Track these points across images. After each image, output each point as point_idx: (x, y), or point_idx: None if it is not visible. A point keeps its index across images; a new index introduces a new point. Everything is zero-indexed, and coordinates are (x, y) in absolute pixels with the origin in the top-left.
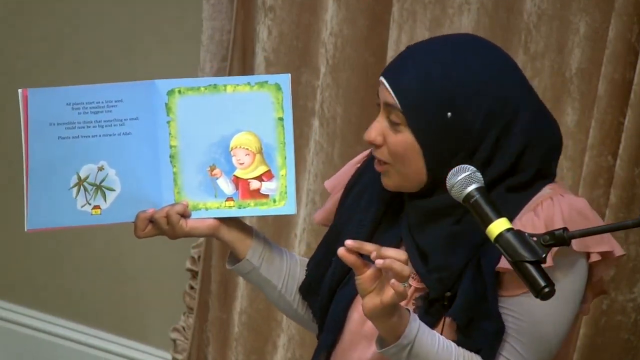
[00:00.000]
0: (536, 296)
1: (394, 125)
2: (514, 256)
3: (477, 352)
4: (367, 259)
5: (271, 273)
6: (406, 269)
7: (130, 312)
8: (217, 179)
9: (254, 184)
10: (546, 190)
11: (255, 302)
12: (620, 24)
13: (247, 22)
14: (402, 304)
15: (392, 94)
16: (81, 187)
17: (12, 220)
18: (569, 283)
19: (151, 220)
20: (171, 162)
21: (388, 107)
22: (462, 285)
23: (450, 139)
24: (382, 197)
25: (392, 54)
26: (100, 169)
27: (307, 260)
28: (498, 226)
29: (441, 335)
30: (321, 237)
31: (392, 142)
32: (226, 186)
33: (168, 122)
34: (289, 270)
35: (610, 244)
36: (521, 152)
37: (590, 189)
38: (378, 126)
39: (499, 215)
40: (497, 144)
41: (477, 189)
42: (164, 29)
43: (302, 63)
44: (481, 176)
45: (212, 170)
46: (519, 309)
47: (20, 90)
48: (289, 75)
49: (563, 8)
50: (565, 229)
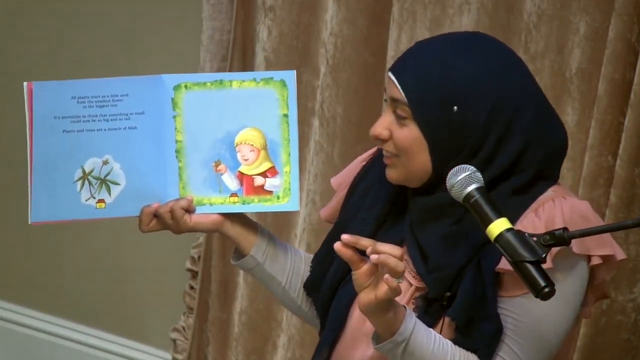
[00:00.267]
0: (536, 296)
1: (400, 119)
2: (514, 256)
3: (474, 352)
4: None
5: (275, 269)
6: (400, 265)
7: (130, 312)
8: (221, 174)
9: (258, 180)
10: (549, 192)
11: (255, 302)
12: (621, 24)
13: (247, 22)
14: (404, 302)
15: (398, 88)
16: (85, 181)
17: (12, 220)
18: (568, 285)
19: (155, 215)
20: (177, 157)
21: (394, 101)
22: (461, 286)
23: (455, 134)
24: (387, 196)
25: (392, 54)
26: (105, 162)
27: (312, 256)
28: (498, 226)
29: (437, 334)
30: (321, 237)
31: (398, 135)
32: (231, 182)
33: (174, 116)
34: (293, 266)
35: (612, 247)
36: (522, 151)
37: (590, 189)
38: (384, 121)
39: (499, 215)
40: (499, 141)
41: (477, 188)
42: (164, 29)
43: (302, 63)
44: (481, 176)
45: (217, 165)
46: (518, 309)
47: (26, 84)
48: (294, 71)
49: (563, 8)
50: (565, 229)
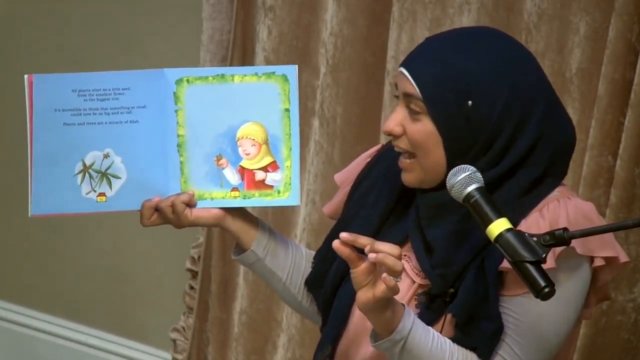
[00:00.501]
0: (536, 296)
1: (413, 115)
2: (514, 256)
3: (473, 350)
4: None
5: (276, 264)
6: (398, 264)
7: (130, 312)
8: (223, 169)
9: (260, 175)
10: (554, 192)
11: (255, 302)
12: (621, 24)
13: (247, 22)
14: (405, 299)
15: (412, 82)
16: (86, 174)
17: (12, 220)
18: (570, 286)
19: (157, 209)
20: (178, 151)
21: (408, 96)
22: (464, 283)
23: (469, 129)
24: (391, 193)
25: (392, 54)
26: (106, 156)
27: (314, 253)
28: (498, 226)
29: (436, 332)
30: (321, 237)
31: (412, 130)
32: (232, 176)
33: (176, 111)
34: (294, 262)
35: (615, 249)
36: (534, 145)
37: (591, 189)
38: (397, 117)
39: (499, 215)
40: (512, 136)
41: (477, 189)
42: (164, 29)
43: (302, 63)
44: (481, 176)
45: (218, 160)
46: (519, 309)
47: (26, 76)
48: (296, 66)
49: (563, 8)
50: (565, 229)
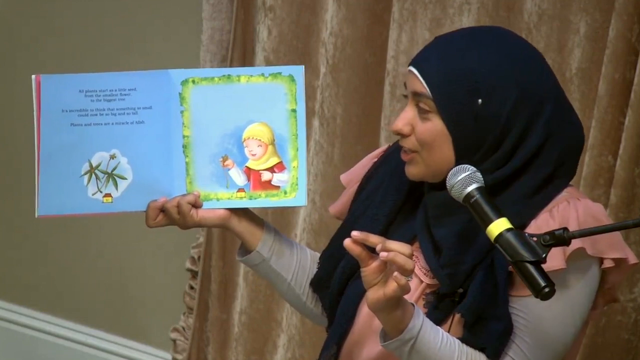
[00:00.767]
0: (536, 296)
1: (423, 113)
2: (514, 256)
3: (481, 350)
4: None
5: (281, 265)
6: (410, 263)
7: (130, 312)
8: (229, 169)
9: (266, 175)
10: (563, 193)
11: (255, 302)
12: (621, 24)
13: (247, 22)
14: (413, 299)
15: (421, 81)
16: (93, 175)
17: (12, 220)
18: (580, 287)
19: (162, 210)
20: (184, 152)
21: (417, 95)
22: (473, 284)
23: (478, 127)
24: (398, 192)
25: (392, 54)
26: (112, 157)
27: (319, 254)
28: (498, 226)
29: (445, 332)
30: (321, 237)
31: (421, 130)
32: (238, 177)
33: (181, 111)
34: (299, 263)
35: (624, 251)
36: (542, 145)
37: (591, 189)
38: (405, 116)
39: (499, 215)
40: (521, 135)
41: (477, 188)
42: (164, 29)
43: (302, 63)
44: (481, 176)
45: (224, 160)
46: (528, 309)
47: (34, 77)
48: (303, 67)
49: (563, 8)
50: (565, 229)
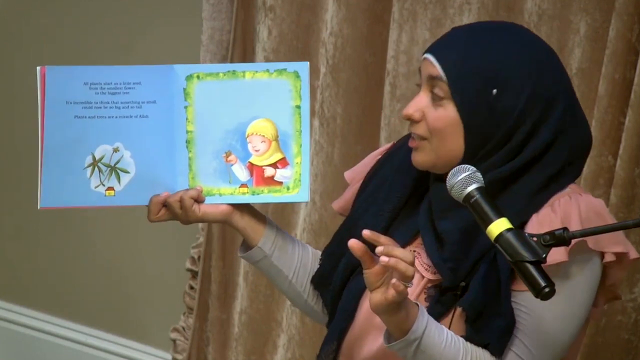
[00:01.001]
0: (536, 296)
1: (436, 100)
2: (514, 256)
3: (484, 347)
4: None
5: (282, 262)
6: (410, 270)
7: (130, 312)
8: (232, 165)
9: (269, 171)
10: (565, 189)
11: (255, 302)
12: (621, 24)
13: (247, 22)
14: (414, 295)
15: (437, 66)
16: (96, 168)
17: (12, 220)
18: (582, 279)
19: (164, 205)
20: (187, 147)
21: (432, 80)
22: (475, 278)
23: (491, 118)
24: (402, 189)
25: (392, 54)
26: (116, 150)
27: (320, 252)
28: (498, 226)
29: (449, 331)
30: (321, 237)
31: (433, 116)
32: (241, 172)
33: (185, 107)
34: (301, 259)
35: (625, 246)
36: (552, 142)
37: (591, 189)
38: (417, 102)
39: (499, 215)
40: (531, 131)
41: (477, 189)
42: (164, 29)
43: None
44: (481, 176)
45: (227, 156)
46: (530, 303)
47: (39, 68)
48: (308, 63)
49: (563, 8)
50: (565, 228)
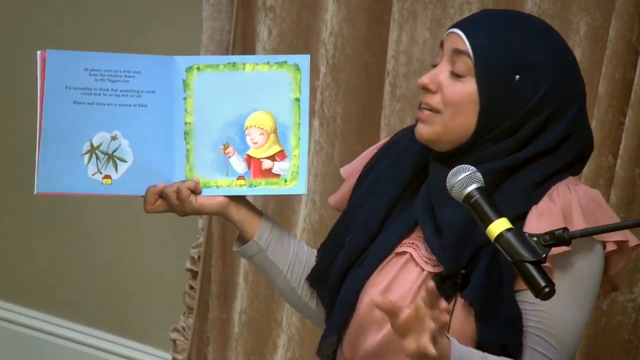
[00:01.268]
0: (536, 296)
1: (457, 76)
2: (514, 256)
3: (503, 350)
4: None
5: (278, 256)
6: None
7: (130, 312)
8: (229, 157)
9: (266, 164)
10: (562, 182)
11: (255, 302)
12: (621, 24)
13: (247, 22)
14: (413, 289)
15: (465, 40)
16: (93, 155)
17: (12, 220)
18: (588, 268)
19: (161, 196)
20: (185, 138)
21: (457, 53)
22: (477, 270)
23: (508, 102)
24: (399, 181)
25: (392, 54)
26: (114, 138)
27: (315, 250)
28: (498, 226)
29: (479, 352)
30: (321, 237)
31: (451, 89)
32: (238, 165)
33: (185, 98)
34: (296, 254)
35: (625, 234)
36: (562, 139)
37: None
38: (435, 73)
39: (499, 215)
40: (544, 123)
41: (477, 188)
42: (164, 29)
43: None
44: (481, 176)
45: (225, 148)
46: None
47: (39, 52)
48: (309, 56)
49: (563, 8)
50: (565, 229)
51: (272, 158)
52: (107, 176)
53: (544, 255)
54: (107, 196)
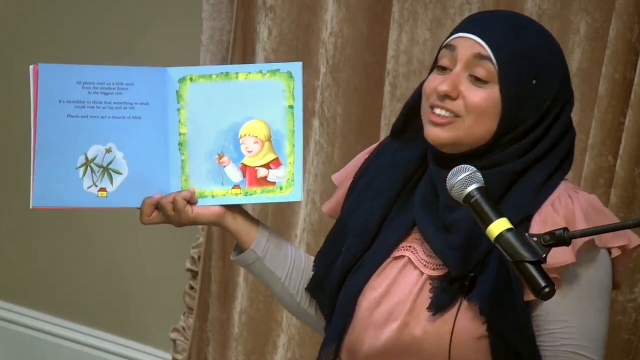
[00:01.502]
0: (536, 296)
1: (478, 81)
2: (514, 256)
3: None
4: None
5: (275, 264)
6: None
7: (130, 312)
8: (224, 166)
9: (261, 172)
10: (561, 186)
11: (255, 302)
12: (621, 24)
13: (247, 22)
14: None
15: (484, 46)
16: (88, 168)
17: (12, 219)
18: (596, 275)
19: (157, 207)
20: (179, 149)
21: (480, 58)
22: (486, 273)
23: (527, 106)
24: (393, 184)
25: (392, 54)
26: (108, 150)
27: (313, 258)
28: (498, 226)
29: None
30: (321, 237)
31: (475, 95)
32: (234, 174)
33: (178, 109)
34: (294, 261)
35: (627, 237)
36: (559, 139)
37: (591, 189)
38: (454, 79)
39: (499, 215)
40: (550, 125)
41: (477, 188)
42: (164, 29)
43: (302, 63)
44: (481, 176)
45: (220, 158)
46: (564, 315)
47: (32, 67)
48: (301, 63)
49: (563, 8)
50: (565, 229)
51: (267, 166)
52: (103, 189)
53: (544, 255)
54: (103, 209)
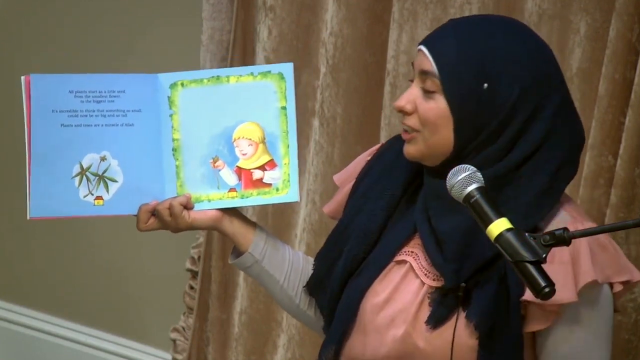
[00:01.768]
0: (536, 296)
1: (428, 93)
2: (514, 256)
3: None
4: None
5: (273, 267)
6: None
7: (130, 312)
8: (219, 170)
9: (257, 174)
10: (566, 217)
11: (255, 302)
12: (621, 24)
13: (247, 22)
14: (415, 303)
15: (430, 59)
16: (84, 177)
17: (12, 220)
18: (598, 314)
19: (153, 213)
20: (174, 155)
21: (424, 74)
22: (484, 290)
23: (481, 112)
24: (395, 187)
25: (392, 54)
26: (103, 159)
27: (312, 258)
28: (498, 226)
29: None
30: (321, 237)
31: (424, 108)
32: (229, 177)
33: (171, 115)
34: (292, 263)
35: (630, 272)
36: (545, 138)
37: (591, 189)
38: (409, 94)
39: (499, 215)
40: (522, 128)
41: (477, 188)
42: (164, 29)
43: (302, 63)
44: (481, 176)
45: (214, 162)
46: (570, 349)
47: (23, 77)
48: (292, 64)
49: (564, 8)
50: (565, 228)
51: (262, 168)
52: (99, 197)
53: (544, 255)
54: (101, 217)
